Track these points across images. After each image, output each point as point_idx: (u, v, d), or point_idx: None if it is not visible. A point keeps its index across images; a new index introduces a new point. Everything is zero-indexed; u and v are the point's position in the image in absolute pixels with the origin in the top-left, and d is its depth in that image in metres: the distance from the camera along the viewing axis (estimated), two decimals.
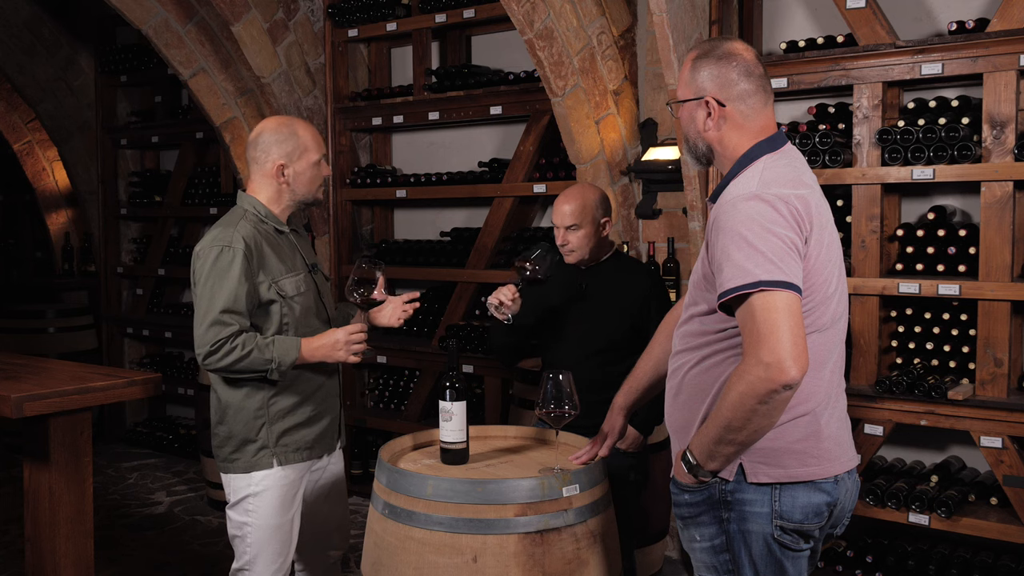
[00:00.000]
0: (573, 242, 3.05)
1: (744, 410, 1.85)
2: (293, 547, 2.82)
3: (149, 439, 6.40)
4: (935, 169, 3.36)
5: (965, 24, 3.34)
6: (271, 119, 2.85)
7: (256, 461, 2.73)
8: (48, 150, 7.03)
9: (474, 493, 2.20)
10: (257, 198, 2.80)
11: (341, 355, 2.69)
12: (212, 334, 2.61)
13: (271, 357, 2.63)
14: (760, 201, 1.90)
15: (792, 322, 1.82)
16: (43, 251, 7.60)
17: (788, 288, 1.84)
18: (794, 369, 1.80)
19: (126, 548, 4.52)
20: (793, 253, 1.88)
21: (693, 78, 2.08)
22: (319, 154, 2.81)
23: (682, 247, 4.21)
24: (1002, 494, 3.35)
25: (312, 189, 2.82)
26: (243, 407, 2.74)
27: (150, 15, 5.11)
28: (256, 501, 2.73)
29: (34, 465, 3.02)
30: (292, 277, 2.77)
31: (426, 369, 5.01)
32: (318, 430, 2.83)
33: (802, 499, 1.98)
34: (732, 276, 1.87)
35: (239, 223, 2.72)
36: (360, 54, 5.49)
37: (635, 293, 3.10)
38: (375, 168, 5.38)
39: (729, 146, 2.07)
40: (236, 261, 2.64)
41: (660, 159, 4.16)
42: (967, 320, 3.46)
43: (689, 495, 2.05)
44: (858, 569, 3.61)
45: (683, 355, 2.11)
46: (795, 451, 1.97)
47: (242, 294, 2.64)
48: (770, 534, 1.99)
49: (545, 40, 4.00)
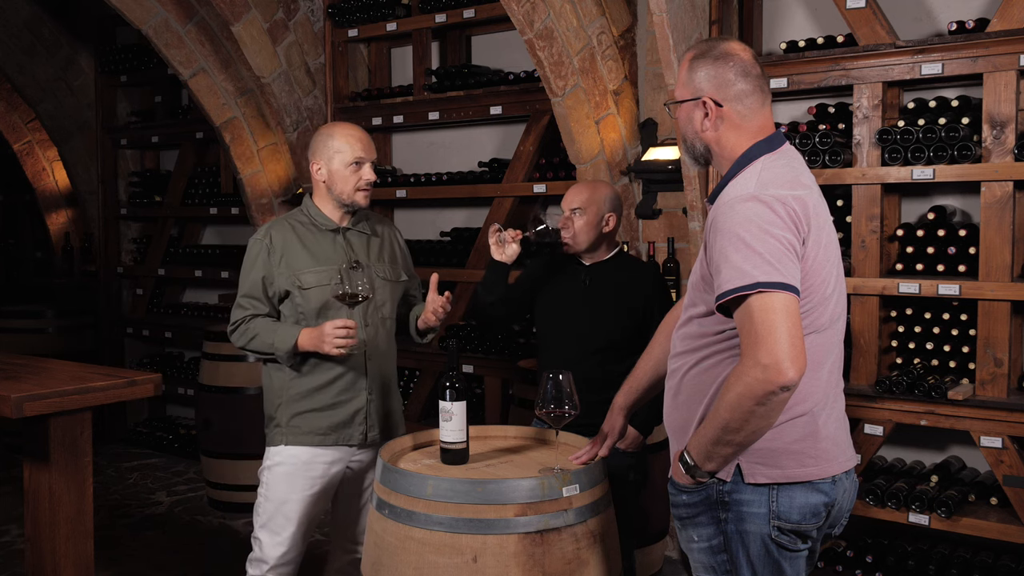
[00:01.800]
0: (574, 226, 3.05)
1: (742, 411, 1.85)
2: (303, 528, 2.92)
3: (149, 439, 6.39)
4: (935, 169, 3.36)
5: (965, 24, 3.34)
6: (325, 124, 3.08)
7: (273, 437, 2.95)
8: (48, 150, 7.03)
9: (474, 493, 2.20)
10: (312, 198, 3.01)
11: (326, 347, 2.76)
12: (233, 316, 2.92)
13: (272, 341, 2.84)
14: (757, 202, 1.90)
15: (790, 323, 1.82)
16: (43, 251, 7.60)
17: (786, 289, 1.84)
18: (792, 371, 1.80)
19: (126, 548, 4.52)
20: (791, 254, 1.88)
21: (690, 78, 2.08)
22: (353, 156, 2.90)
23: (682, 247, 4.21)
24: (1002, 494, 3.35)
25: (347, 190, 2.92)
26: (269, 386, 2.99)
27: (150, 15, 5.12)
28: (268, 475, 2.93)
29: (34, 465, 3.02)
30: (317, 271, 2.89)
31: (426, 369, 5.01)
32: (335, 418, 2.91)
33: (800, 500, 1.98)
34: (730, 278, 1.87)
35: (281, 219, 2.98)
36: (360, 54, 5.49)
37: (638, 292, 3.09)
38: (375, 168, 5.37)
39: (727, 146, 2.06)
40: (258, 253, 2.91)
41: (660, 159, 4.16)
42: (967, 320, 3.46)
43: (687, 496, 2.05)
44: (858, 569, 3.61)
45: (682, 356, 2.11)
46: (793, 451, 1.97)
47: (259, 279, 2.89)
48: (767, 534, 1.98)
49: (545, 40, 4.00)
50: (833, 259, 2.03)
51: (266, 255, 2.89)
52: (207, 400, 5.10)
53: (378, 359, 3.00)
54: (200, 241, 6.74)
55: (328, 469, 2.93)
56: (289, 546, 2.90)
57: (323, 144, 2.93)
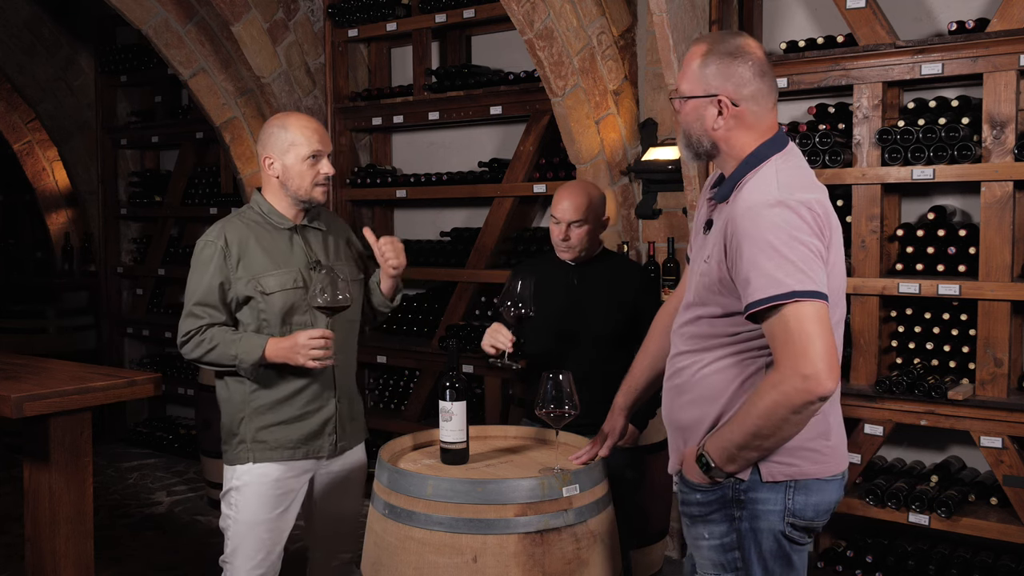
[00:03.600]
0: (575, 238, 3.03)
1: (776, 419, 1.87)
2: (277, 546, 2.79)
3: (149, 439, 6.39)
4: (935, 169, 3.36)
5: (965, 24, 3.34)
6: (275, 115, 2.81)
7: (236, 455, 2.77)
8: (48, 150, 7.02)
9: (474, 493, 2.20)
10: (263, 194, 2.79)
11: (300, 359, 2.58)
12: (185, 326, 2.67)
13: (235, 353, 2.63)
14: (785, 208, 1.88)
15: (825, 333, 1.84)
16: (43, 251, 7.59)
17: (819, 297, 1.84)
18: (830, 381, 1.82)
19: (126, 548, 4.52)
20: (819, 261, 1.89)
21: (702, 73, 2.00)
22: (310, 149, 2.69)
23: (682, 247, 4.21)
24: (1002, 494, 3.35)
25: (304, 185, 2.70)
26: (228, 399, 2.79)
27: (150, 15, 5.11)
28: (237, 495, 2.76)
29: (34, 465, 3.02)
30: (277, 273, 2.69)
31: (426, 369, 5.01)
32: (304, 430, 2.76)
33: (814, 497, 2.01)
34: (762, 286, 1.85)
35: (233, 219, 2.74)
36: (360, 54, 5.49)
37: (626, 290, 3.09)
38: (375, 168, 5.38)
39: (736, 145, 2.03)
40: (212, 256, 2.66)
41: (660, 159, 4.16)
42: (967, 320, 3.46)
43: (701, 494, 2.05)
44: (858, 569, 3.61)
45: (690, 355, 2.10)
46: (808, 449, 2.00)
47: (215, 287, 2.66)
48: (781, 531, 2.01)
49: (545, 40, 4.00)
50: (842, 261, 2.05)
51: (221, 258, 2.65)
52: (207, 400, 5.09)
53: (345, 365, 2.83)
54: None
55: (296, 483, 2.78)
56: (266, 568, 2.77)
57: (276, 136, 2.69)
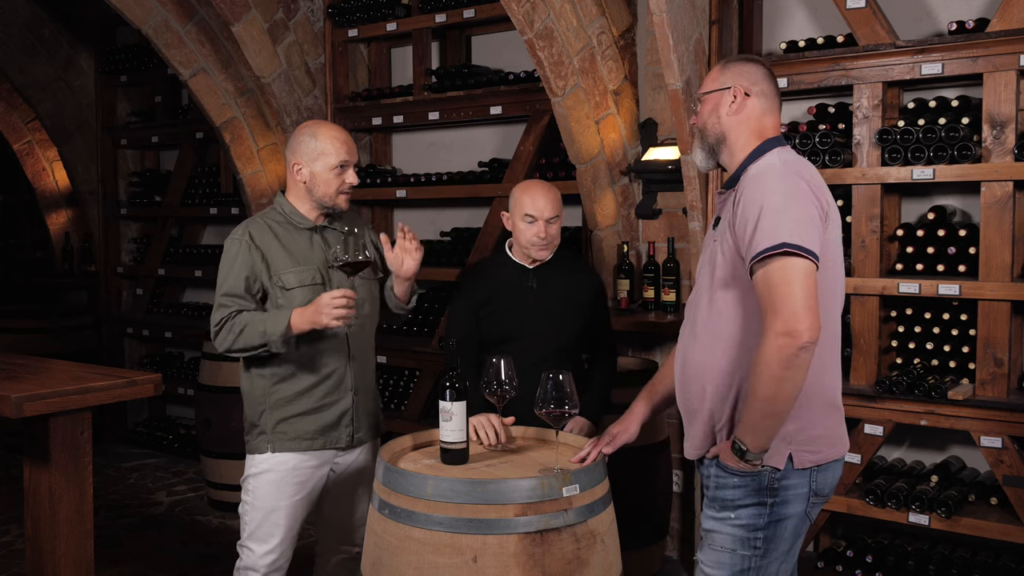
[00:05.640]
0: (553, 234, 3.00)
1: (772, 380, 1.99)
2: (291, 534, 2.91)
3: (149, 439, 6.39)
4: (935, 169, 3.36)
5: (965, 24, 3.34)
6: (305, 122, 2.94)
7: (257, 444, 2.91)
8: (48, 150, 7.02)
9: (474, 493, 2.20)
10: (287, 196, 2.94)
11: (324, 319, 2.69)
12: (216, 316, 2.83)
13: (263, 329, 2.75)
14: (785, 175, 2.10)
15: (807, 287, 1.98)
16: (43, 251, 7.59)
17: (808, 255, 1.99)
18: (807, 333, 1.95)
19: (126, 548, 4.52)
20: (815, 224, 2.04)
21: (721, 75, 2.29)
22: (339, 159, 2.82)
23: (682, 247, 4.21)
24: (1002, 494, 3.35)
25: (329, 193, 2.85)
26: (250, 392, 2.93)
27: (150, 15, 5.11)
28: (254, 482, 2.90)
29: (34, 465, 3.02)
30: (297, 271, 2.85)
31: (426, 369, 5.01)
32: (321, 421, 2.89)
33: (831, 476, 2.24)
34: (759, 241, 2.01)
35: (256, 219, 2.92)
36: (360, 54, 5.49)
37: (584, 291, 3.10)
38: (375, 168, 5.38)
39: (740, 140, 2.25)
40: (238, 251, 2.85)
41: (660, 159, 4.16)
42: (967, 320, 3.46)
43: (738, 478, 2.17)
44: (858, 569, 3.61)
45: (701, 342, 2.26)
46: (827, 436, 2.20)
47: (242, 278, 2.83)
48: (804, 510, 2.21)
49: (545, 40, 4.00)
50: (840, 258, 2.20)
51: (247, 253, 2.83)
52: (207, 400, 5.10)
53: (361, 359, 2.97)
54: (200, 241, 6.74)
55: (314, 473, 2.92)
56: (279, 553, 2.89)
57: (306, 144, 2.84)
